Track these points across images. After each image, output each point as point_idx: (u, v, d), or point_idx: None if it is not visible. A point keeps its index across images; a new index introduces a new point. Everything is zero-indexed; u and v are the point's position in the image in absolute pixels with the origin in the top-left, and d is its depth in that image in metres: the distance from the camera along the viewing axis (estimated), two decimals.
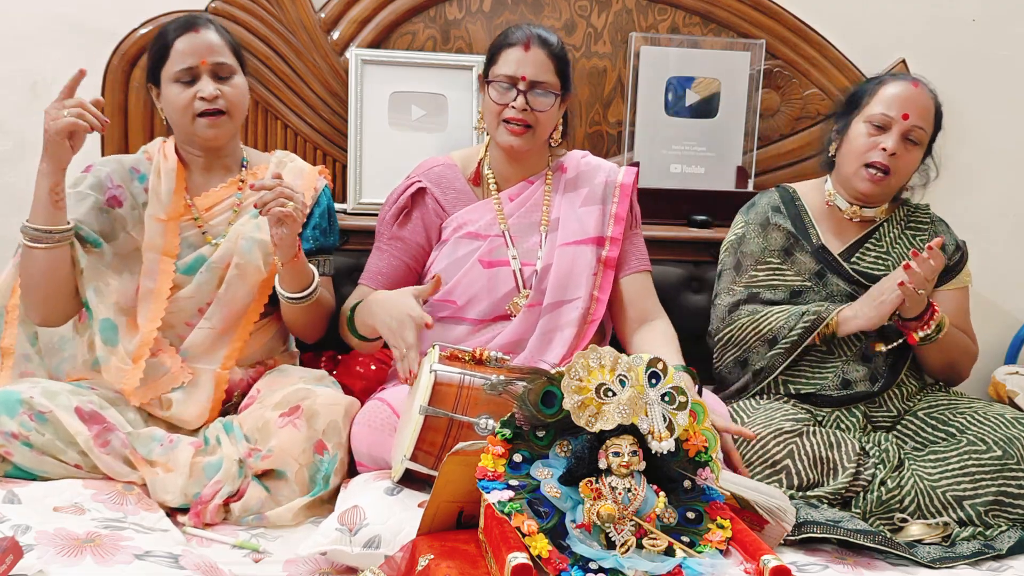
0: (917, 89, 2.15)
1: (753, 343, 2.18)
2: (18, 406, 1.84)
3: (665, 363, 1.49)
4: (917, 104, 2.14)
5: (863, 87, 2.25)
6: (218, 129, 2.06)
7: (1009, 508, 1.93)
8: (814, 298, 2.20)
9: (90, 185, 2.06)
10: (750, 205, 2.35)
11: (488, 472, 1.46)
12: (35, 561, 1.53)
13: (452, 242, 2.14)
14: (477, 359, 1.81)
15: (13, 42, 2.65)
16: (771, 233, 2.25)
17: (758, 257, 2.24)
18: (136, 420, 1.97)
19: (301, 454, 1.88)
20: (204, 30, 2.06)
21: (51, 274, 1.96)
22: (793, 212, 2.27)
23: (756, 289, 2.23)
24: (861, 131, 2.17)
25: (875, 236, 2.24)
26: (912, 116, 2.12)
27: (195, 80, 2.04)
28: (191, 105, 2.03)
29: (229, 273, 2.07)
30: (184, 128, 2.08)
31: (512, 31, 2.11)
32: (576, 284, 2.13)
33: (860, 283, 2.19)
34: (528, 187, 2.19)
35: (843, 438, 2.00)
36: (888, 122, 2.14)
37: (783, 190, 2.34)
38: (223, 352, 2.07)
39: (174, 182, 2.09)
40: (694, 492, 1.52)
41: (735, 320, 2.22)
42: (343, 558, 1.66)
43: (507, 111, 2.07)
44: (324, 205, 2.20)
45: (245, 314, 2.10)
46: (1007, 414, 2.05)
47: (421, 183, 2.16)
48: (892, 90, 2.16)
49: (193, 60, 2.03)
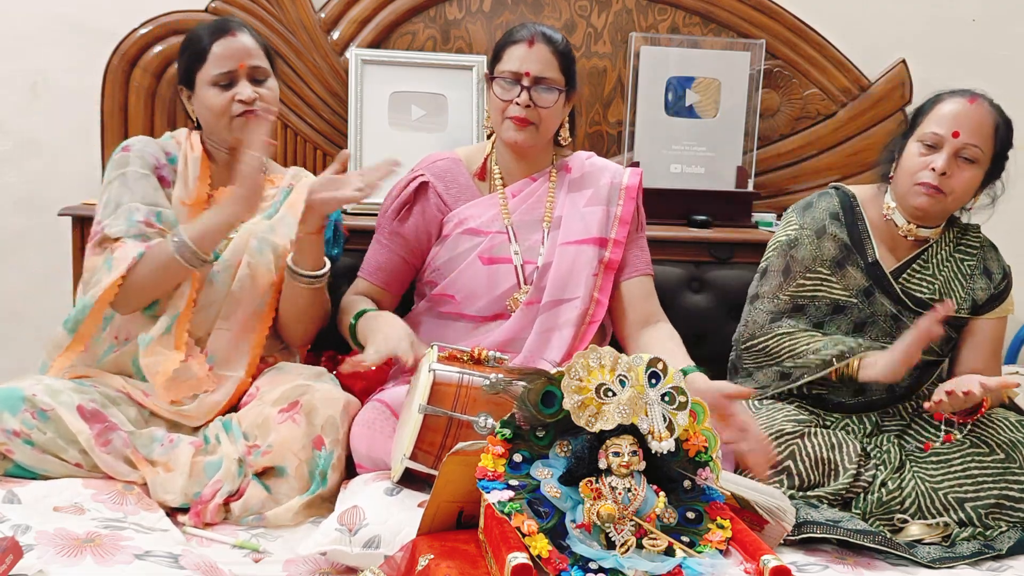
0: (972, 106, 2.06)
1: (785, 359, 2.15)
2: (20, 403, 1.84)
3: (665, 363, 1.49)
4: (970, 121, 2.04)
5: (923, 104, 2.15)
6: (256, 127, 2.06)
7: (1010, 511, 1.92)
8: (857, 316, 2.15)
9: (140, 165, 2.07)
10: (807, 205, 2.25)
11: (488, 472, 1.46)
12: (35, 561, 1.53)
13: (453, 238, 2.14)
14: (476, 359, 1.81)
15: (13, 42, 2.65)
16: (826, 242, 2.17)
17: (808, 265, 2.17)
18: (137, 419, 1.97)
19: (301, 449, 1.88)
20: (240, 34, 2.09)
21: (175, 280, 2.01)
22: (851, 220, 2.19)
23: (802, 301, 2.17)
24: (913, 151, 2.09)
25: (924, 256, 2.18)
26: (963, 134, 2.04)
27: (232, 83, 2.06)
28: (229, 108, 2.06)
29: (240, 272, 2.08)
30: (219, 130, 2.10)
31: (517, 29, 2.12)
32: (575, 284, 2.13)
33: (905, 304, 2.14)
34: (531, 184, 2.19)
35: (844, 439, 2.00)
36: (939, 140, 2.06)
37: (843, 195, 2.24)
38: (246, 359, 2.08)
39: (199, 170, 2.11)
40: (694, 492, 1.52)
41: (775, 331, 2.17)
42: (343, 558, 1.66)
43: (511, 108, 2.07)
44: (332, 219, 2.22)
45: (260, 318, 2.10)
46: (1010, 417, 2.04)
47: (424, 177, 2.16)
48: (946, 108, 2.08)
49: (232, 64, 2.05)
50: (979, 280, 2.18)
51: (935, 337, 1.96)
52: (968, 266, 2.19)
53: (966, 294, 2.17)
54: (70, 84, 2.67)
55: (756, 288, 2.26)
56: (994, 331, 2.20)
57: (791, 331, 2.16)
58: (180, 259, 1.95)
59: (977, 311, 2.18)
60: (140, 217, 2.01)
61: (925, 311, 2.10)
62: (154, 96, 2.61)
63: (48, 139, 2.71)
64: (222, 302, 2.07)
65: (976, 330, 2.18)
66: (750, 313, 2.26)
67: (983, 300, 2.18)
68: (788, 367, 2.13)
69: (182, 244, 1.94)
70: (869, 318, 2.15)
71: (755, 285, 2.28)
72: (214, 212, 1.99)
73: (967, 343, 2.20)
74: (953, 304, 2.07)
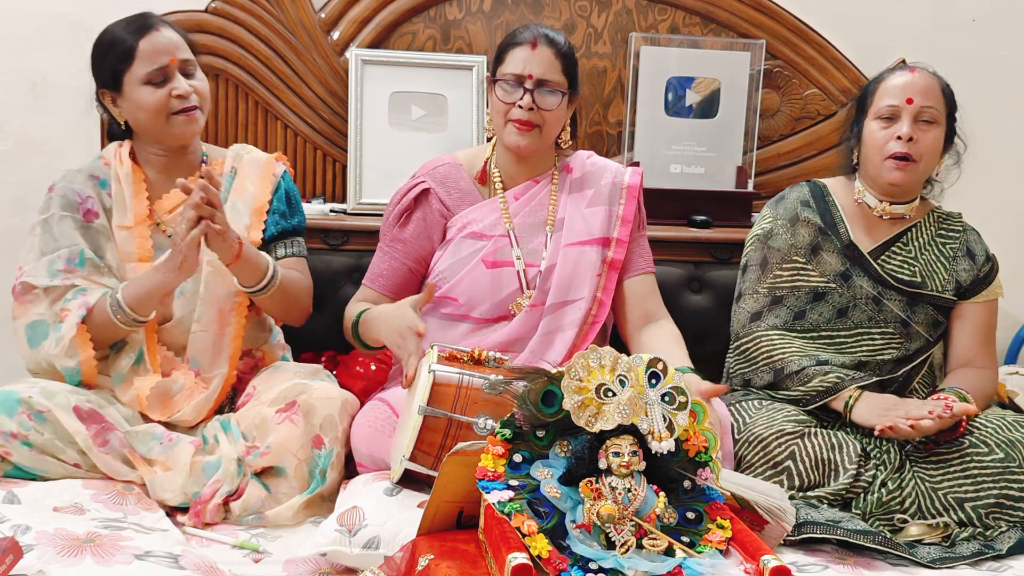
0: (916, 74, 2.15)
1: (761, 366, 2.17)
2: (17, 405, 1.84)
3: (665, 363, 1.49)
4: (918, 86, 2.13)
5: (865, 88, 2.25)
6: (194, 125, 2.05)
7: (1010, 511, 1.92)
8: (837, 301, 2.17)
9: (61, 207, 2.03)
10: (779, 199, 2.31)
11: (488, 472, 1.46)
12: (35, 561, 1.53)
13: (456, 242, 2.14)
14: (475, 359, 1.81)
15: (13, 42, 2.65)
16: (800, 229, 2.21)
17: (785, 254, 2.20)
18: (134, 419, 1.97)
19: (300, 449, 1.88)
20: (164, 29, 2.04)
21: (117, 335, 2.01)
22: (823, 207, 2.23)
23: (780, 293, 2.19)
24: (874, 128, 2.15)
25: (904, 238, 2.21)
26: (917, 98, 2.12)
27: (166, 80, 2.02)
28: (166, 104, 2.01)
29: (204, 271, 2.05)
30: (156, 129, 2.05)
31: (519, 31, 2.11)
32: (580, 285, 2.13)
33: (886, 283, 2.17)
34: (534, 186, 2.18)
35: (844, 440, 2.00)
36: (896, 111, 2.13)
37: (813, 185, 2.29)
38: (227, 354, 2.07)
39: (132, 186, 2.07)
40: (694, 492, 1.52)
41: (753, 332, 2.20)
42: (342, 559, 1.66)
43: (514, 111, 2.07)
44: (282, 189, 2.18)
45: (234, 310, 2.08)
46: (1009, 416, 2.04)
47: (426, 184, 2.16)
48: (892, 81, 2.16)
49: (163, 60, 2.01)
50: (962, 262, 2.21)
51: (930, 429, 1.95)
52: (951, 248, 2.22)
53: (949, 275, 2.19)
54: (70, 84, 2.66)
55: (739, 286, 2.30)
56: (985, 315, 2.23)
57: (767, 332, 2.18)
58: (116, 321, 1.94)
59: (963, 295, 2.21)
60: (60, 266, 1.98)
61: (907, 290, 2.16)
62: None
63: (48, 139, 2.71)
64: (192, 307, 2.05)
65: (966, 315, 2.20)
66: (734, 313, 2.29)
67: (968, 282, 2.20)
68: (767, 379, 2.15)
69: (117, 307, 1.93)
70: (850, 302, 2.18)
71: (738, 284, 2.31)
72: (150, 277, 1.95)
73: (958, 329, 2.22)
74: (973, 408, 2.02)
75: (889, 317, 2.17)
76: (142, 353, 2.02)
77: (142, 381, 1.99)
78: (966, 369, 2.19)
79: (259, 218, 2.13)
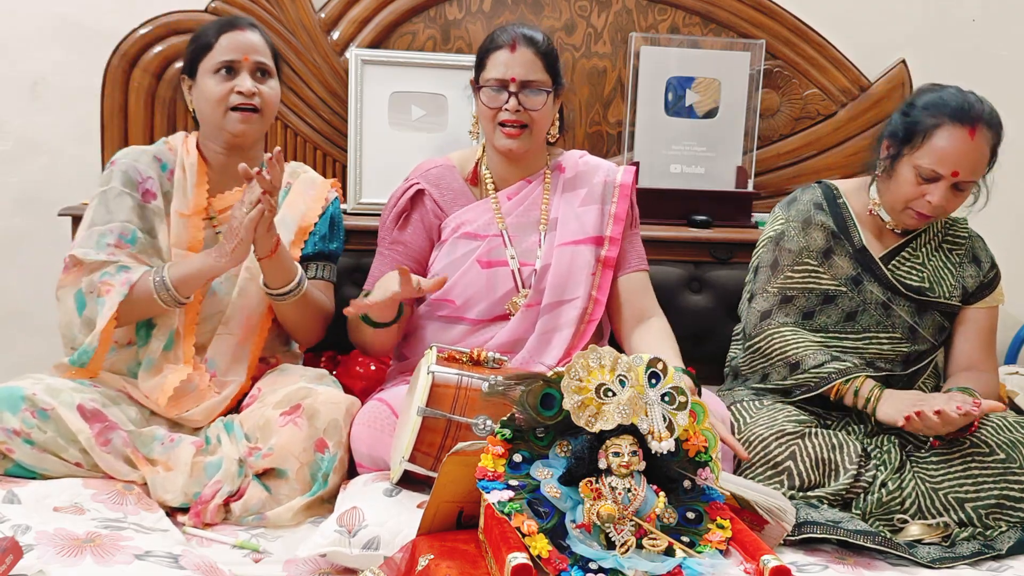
0: (973, 142, 2.02)
1: (777, 362, 2.16)
2: (21, 403, 1.84)
3: (665, 363, 1.49)
4: (969, 160, 2.03)
5: (920, 122, 2.07)
6: (248, 125, 2.08)
7: (1010, 512, 1.92)
8: (847, 305, 2.17)
9: (122, 182, 2.06)
10: (791, 200, 2.28)
11: (488, 472, 1.46)
12: (35, 561, 1.53)
13: (450, 242, 2.14)
14: (475, 360, 1.81)
15: (13, 42, 2.65)
16: (812, 232, 2.19)
17: (797, 256, 2.19)
18: (138, 419, 1.97)
19: (302, 452, 1.88)
20: (249, 31, 2.11)
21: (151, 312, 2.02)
22: (835, 211, 2.21)
23: (791, 292, 2.18)
24: (909, 177, 2.08)
25: (913, 244, 2.20)
26: (963, 172, 2.03)
27: (234, 75, 2.06)
28: (227, 98, 2.06)
29: (241, 276, 2.08)
30: (214, 121, 2.09)
31: (497, 34, 2.11)
32: (575, 284, 2.13)
33: (896, 290, 2.16)
34: (526, 186, 2.18)
35: (845, 440, 2.00)
36: (937, 176, 2.05)
37: (826, 187, 2.26)
38: (246, 363, 2.08)
39: (195, 177, 2.11)
40: (694, 492, 1.52)
41: (765, 330, 2.19)
42: (342, 559, 1.66)
43: (501, 114, 2.07)
44: (328, 213, 2.22)
45: (260, 321, 2.10)
46: (1010, 417, 2.04)
47: (419, 185, 2.16)
48: (945, 141, 2.02)
49: (236, 55, 2.06)
50: (968, 268, 2.22)
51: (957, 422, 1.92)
52: (957, 255, 2.22)
53: (956, 281, 2.20)
54: (70, 84, 2.67)
55: (750, 287, 2.28)
56: (987, 321, 2.23)
57: (779, 329, 2.17)
58: (158, 299, 1.95)
59: (967, 300, 2.21)
60: (111, 240, 2.00)
61: (916, 297, 2.15)
62: (154, 96, 2.60)
63: (48, 139, 2.71)
64: (225, 310, 2.07)
65: (968, 319, 2.21)
66: (746, 313, 2.28)
67: (973, 288, 2.21)
68: (786, 381, 2.13)
69: (162, 285, 1.95)
70: (859, 307, 2.17)
71: (749, 284, 2.29)
72: (200, 260, 1.97)
73: (960, 333, 2.23)
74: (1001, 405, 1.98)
75: (897, 323, 2.17)
76: (173, 340, 2.03)
77: (172, 372, 2.00)
78: (968, 373, 2.19)
79: (302, 236, 2.16)
